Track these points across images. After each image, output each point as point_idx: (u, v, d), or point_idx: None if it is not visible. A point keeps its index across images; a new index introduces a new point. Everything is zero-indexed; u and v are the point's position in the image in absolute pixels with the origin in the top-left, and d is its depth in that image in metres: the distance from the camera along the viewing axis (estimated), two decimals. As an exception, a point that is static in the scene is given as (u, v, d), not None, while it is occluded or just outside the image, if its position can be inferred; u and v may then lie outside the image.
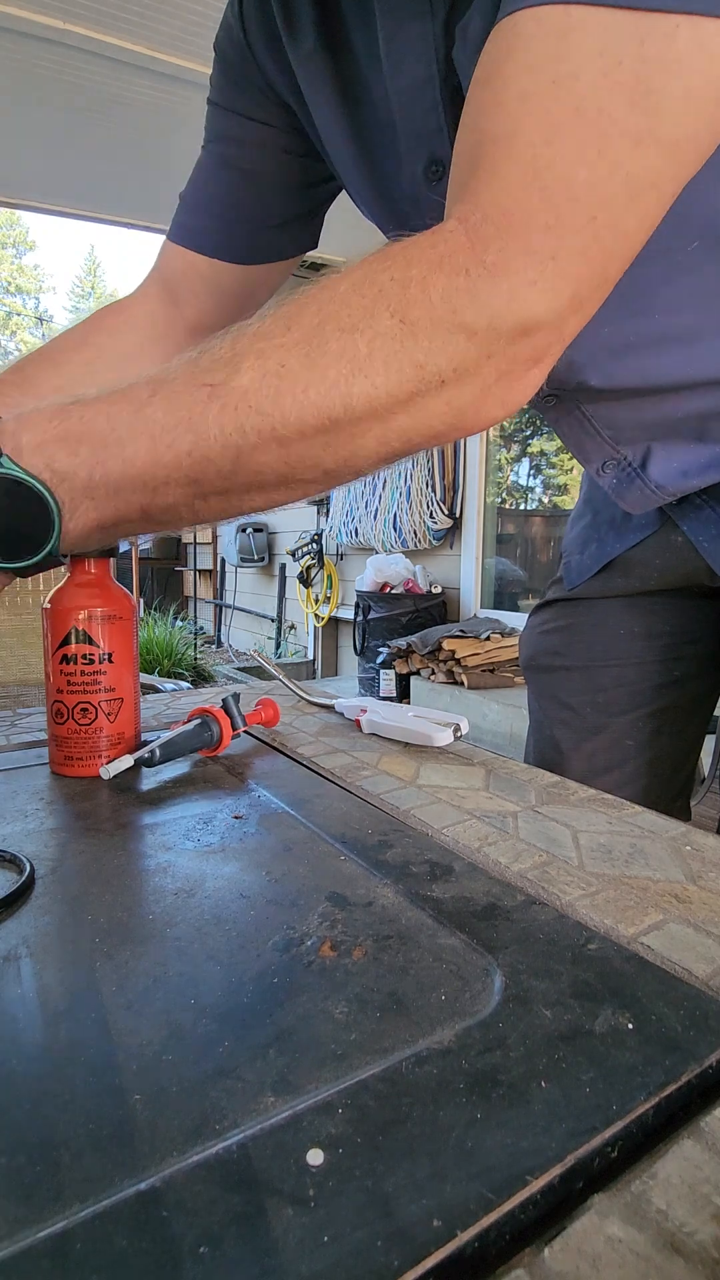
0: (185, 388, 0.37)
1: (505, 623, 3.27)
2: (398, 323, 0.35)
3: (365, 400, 0.36)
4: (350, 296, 0.37)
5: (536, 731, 0.80)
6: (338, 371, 0.36)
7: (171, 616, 5.25)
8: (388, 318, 0.35)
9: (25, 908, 0.35)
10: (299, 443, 0.37)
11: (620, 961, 0.31)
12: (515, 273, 0.35)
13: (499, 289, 0.35)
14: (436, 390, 0.37)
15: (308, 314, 0.37)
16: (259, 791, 0.51)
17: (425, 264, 0.36)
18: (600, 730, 0.74)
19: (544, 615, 0.79)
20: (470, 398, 0.38)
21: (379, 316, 0.36)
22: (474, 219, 0.35)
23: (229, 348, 0.38)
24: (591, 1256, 0.18)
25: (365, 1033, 0.26)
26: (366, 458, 0.39)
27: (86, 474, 0.38)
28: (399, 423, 0.38)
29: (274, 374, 0.36)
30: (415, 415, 0.38)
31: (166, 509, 0.40)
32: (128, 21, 2.36)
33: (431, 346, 0.36)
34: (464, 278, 0.35)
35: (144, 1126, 0.22)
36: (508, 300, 0.35)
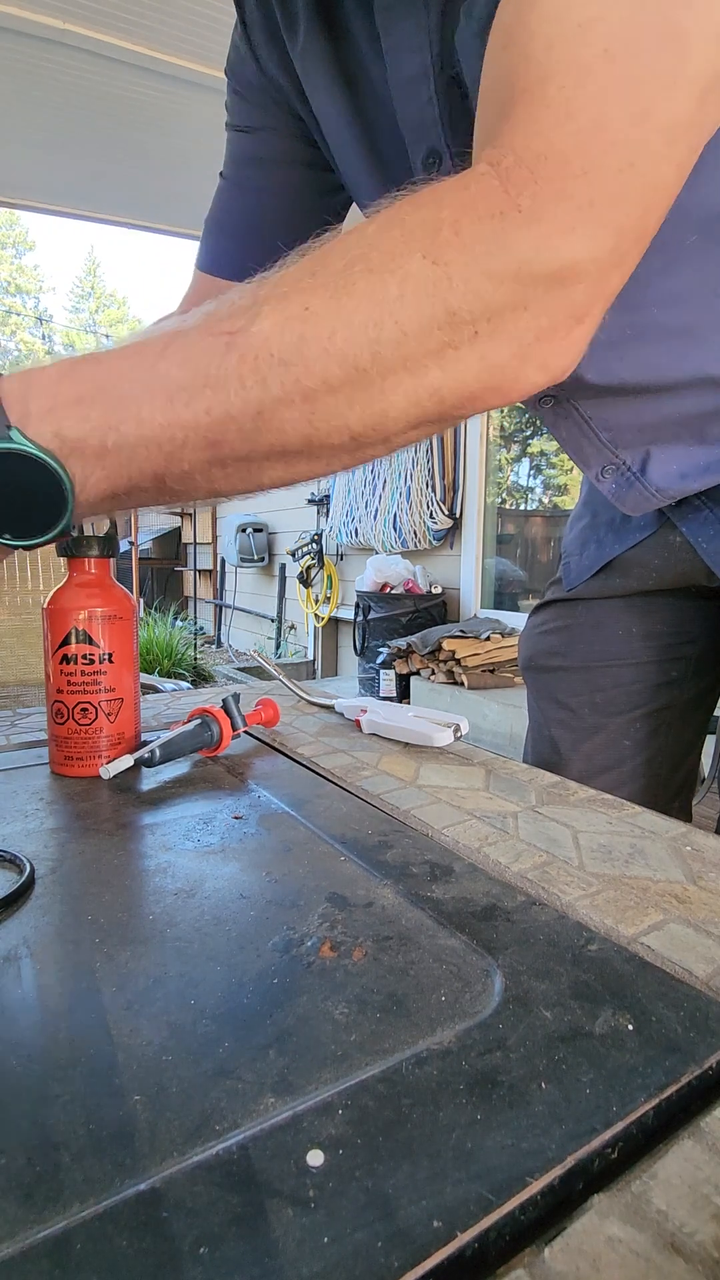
0: (201, 338, 0.35)
1: (505, 623, 3.27)
2: (429, 264, 0.33)
3: (395, 348, 0.34)
4: (378, 238, 0.34)
5: (535, 732, 0.80)
6: (366, 314, 0.33)
7: (171, 616, 5.25)
8: (419, 259, 0.33)
9: (25, 908, 0.35)
10: (325, 396, 0.34)
11: (620, 962, 0.31)
12: (551, 218, 0.33)
13: (534, 233, 0.33)
14: (470, 342, 0.34)
15: (333, 256, 0.35)
16: (259, 792, 0.51)
17: (456, 205, 0.34)
18: (598, 730, 0.74)
19: (543, 616, 0.80)
20: (507, 355, 0.35)
21: (410, 258, 0.33)
22: (506, 162, 0.33)
23: (249, 295, 0.35)
24: (591, 1256, 0.18)
25: (365, 1033, 0.26)
26: (396, 419, 0.36)
27: (99, 440, 0.35)
28: (431, 378, 0.35)
29: (297, 318, 0.33)
30: (448, 370, 0.35)
31: (182, 476, 0.37)
32: (128, 21, 2.36)
33: (465, 291, 0.33)
34: (497, 220, 0.33)
35: (144, 1127, 0.22)
36: (543, 246, 0.33)
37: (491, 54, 0.37)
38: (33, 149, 3.19)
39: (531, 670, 0.80)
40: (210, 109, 2.86)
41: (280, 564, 5.38)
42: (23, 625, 2.04)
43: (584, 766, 0.74)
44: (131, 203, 3.74)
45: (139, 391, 0.35)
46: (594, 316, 0.37)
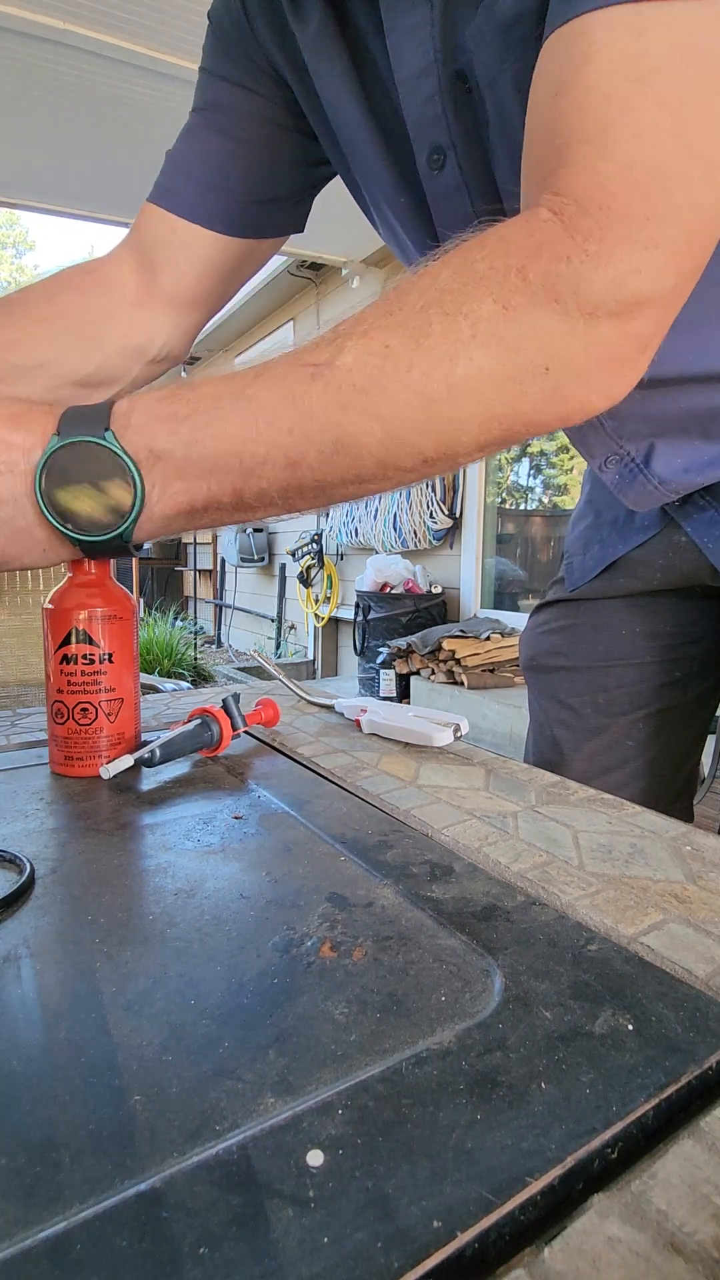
0: (288, 368, 0.38)
1: (505, 623, 3.27)
2: (500, 308, 0.35)
3: (468, 382, 0.36)
4: (451, 283, 0.37)
5: (537, 732, 0.80)
6: (441, 351, 0.36)
7: (171, 616, 5.25)
8: (490, 303, 0.36)
9: (25, 908, 0.35)
10: (400, 425, 0.37)
11: (620, 962, 0.31)
12: (619, 261, 0.35)
13: (603, 276, 0.35)
14: (539, 377, 0.37)
15: (409, 300, 0.37)
16: (259, 792, 0.51)
17: (523, 252, 0.36)
18: (601, 731, 0.74)
19: (545, 615, 0.79)
20: (573, 387, 0.38)
21: (482, 301, 0.36)
22: (569, 211, 0.35)
23: (331, 334, 0.38)
24: (591, 1256, 0.18)
25: (365, 1034, 0.26)
26: (466, 446, 0.39)
27: (184, 452, 0.38)
28: (500, 409, 0.37)
29: (378, 354, 0.36)
30: (517, 402, 0.37)
31: (260, 494, 0.39)
32: (128, 21, 2.36)
33: (534, 333, 0.36)
34: (565, 265, 0.35)
35: (144, 1127, 0.22)
36: (613, 288, 0.35)
37: (540, 99, 0.38)
38: (33, 149, 3.19)
39: (534, 670, 0.80)
40: (210, 109, 2.86)
41: (280, 564, 5.38)
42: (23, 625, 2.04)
43: (586, 767, 0.74)
44: (131, 203, 3.73)
45: (228, 410, 0.38)
46: (654, 346, 0.39)
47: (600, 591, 0.73)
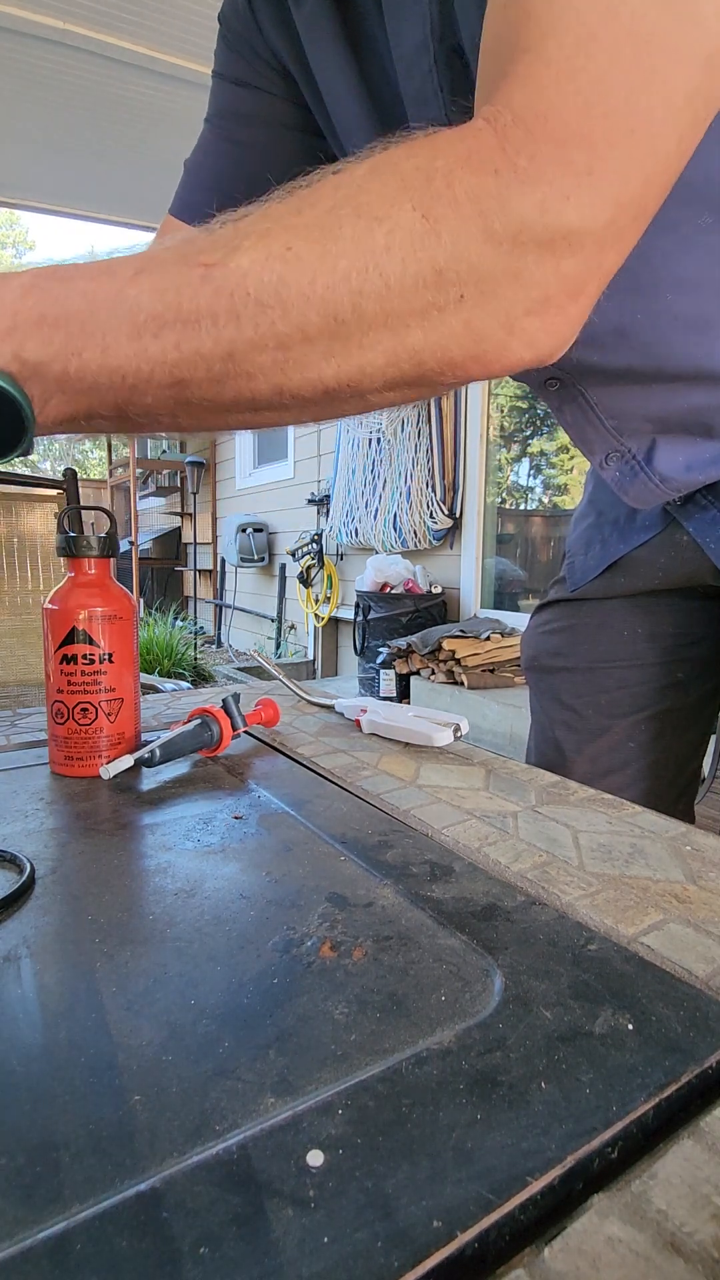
0: (176, 266, 0.33)
1: (505, 623, 3.27)
2: (420, 217, 0.31)
3: (377, 302, 0.32)
4: (369, 181, 0.33)
5: (539, 733, 0.80)
6: (350, 263, 0.32)
7: (171, 616, 5.25)
8: (409, 210, 0.32)
9: (25, 908, 0.35)
10: (301, 345, 0.33)
11: (620, 962, 0.31)
12: (548, 181, 0.31)
13: (530, 196, 0.31)
14: (456, 305, 0.33)
15: (321, 196, 0.33)
16: (259, 792, 0.51)
17: (451, 156, 0.32)
18: (603, 732, 0.74)
19: (546, 615, 0.79)
20: (493, 325, 0.34)
21: (400, 207, 0.32)
22: (503, 119, 0.32)
23: (229, 228, 0.34)
24: (591, 1256, 0.18)
25: (365, 1033, 0.26)
26: (373, 377, 0.35)
27: (60, 366, 0.33)
28: (412, 338, 0.33)
29: (278, 257, 0.32)
30: (430, 331, 0.33)
31: (145, 410, 0.35)
32: (128, 21, 2.36)
33: (454, 250, 0.32)
34: (493, 178, 0.31)
35: (144, 1127, 0.22)
36: (539, 210, 0.31)
37: (492, 11, 0.35)
38: (33, 149, 3.19)
39: (535, 670, 0.80)
40: (210, 109, 2.86)
41: (280, 564, 5.38)
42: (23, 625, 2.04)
43: (588, 769, 0.74)
44: (131, 203, 3.74)
45: (105, 317, 0.33)
46: (588, 295, 0.35)
47: (601, 591, 0.73)
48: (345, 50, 0.53)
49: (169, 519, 7.59)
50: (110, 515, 0.59)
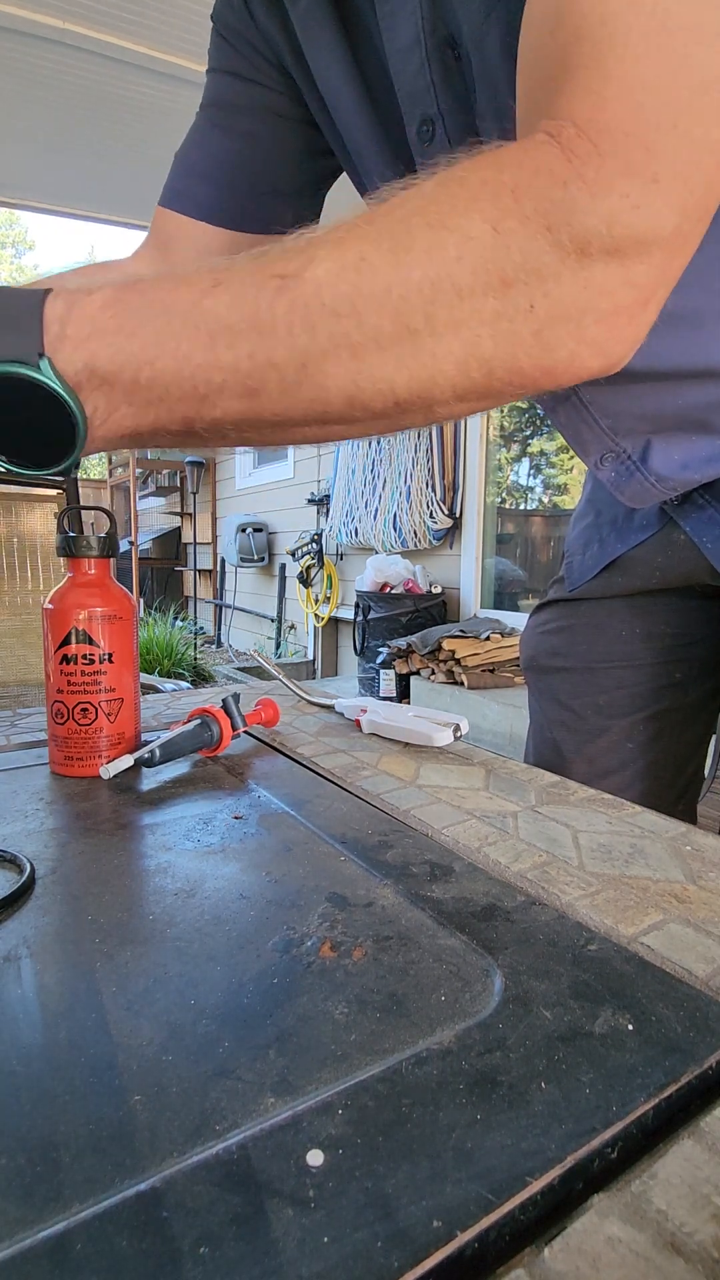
0: (252, 278, 0.33)
1: (505, 623, 3.28)
2: (490, 229, 0.32)
3: (449, 311, 0.32)
4: (439, 194, 0.33)
5: (537, 733, 0.80)
6: (423, 273, 0.32)
7: (171, 616, 5.25)
8: (479, 221, 0.32)
9: (25, 908, 0.35)
10: (373, 354, 0.33)
11: (620, 962, 0.31)
12: (617, 192, 0.31)
13: (599, 207, 0.32)
14: (526, 316, 0.33)
15: (392, 208, 0.33)
16: (259, 792, 0.51)
17: (518, 170, 0.32)
18: (601, 733, 0.74)
19: (544, 615, 0.79)
20: (563, 334, 0.34)
21: (471, 219, 0.32)
22: (567, 134, 0.32)
23: (304, 240, 0.34)
24: (591, 1256, 0.18)
25: (365, 1033, 0.26)
26: (443, 388, 0.35)
27: (132, 375, 0.33)
28: (483, 347, 0.33)
29: (352, 267, 0.32)
30: (501, 341, 0.33)
31: (213, 425, 0.35)
32: (128, 21, 2.36)
33: (523, 262, 0.32)
34: (561, 190, 0.32)
35: (144, 1127, 0.22)
36: (608, 220, 0.32)
37: (535, 31, 0.35)
38: (33, 149, 3.19)
39: (533, 670, 0.80)
40: (210, 109, 2.86)
41: (280, 564, 5.38)
42: (23, 625, 2.04)
43: (587, 769, 0.74)
44: (131, 203, 3.74)
45: (180, 327, 0.33)
46: (656, 301, 0.36)
47: (600, 591, 0.73)
48: (341, 44, 0.53)
49: (169, 519, 7.59)
50: (110, 515, 0.59)
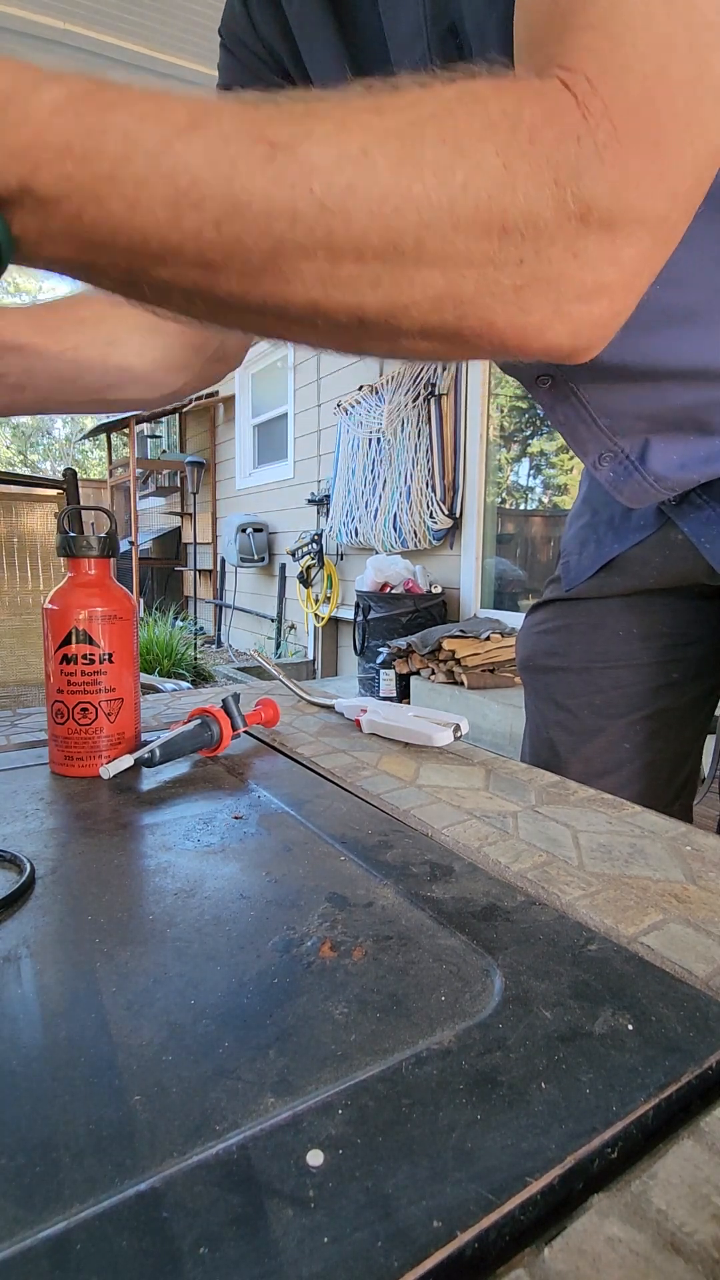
0: (236, 131, 0.28)
1: (505, 623, 3.27)
2: (501, 165, 0.29)
3: (441, 240, 0.30)
4: (456, 107, 0.30)
5: (534, 733, 0.80)
6: (424, 190, 0.29)
7: (171, 616, 5.25)
8: (493, 154, 0.29)
9: (25, 908, 0.35)
10: (351, 264, 0.30)
11: (620, 962, 0.31)
12: (623, 163, 0.30)
13: (608, 175, 0.30)
14: (514, 268, 0.31)
15: (406, 103, 0.30)
16: (259, 791, 0.51)
17: (539, 109, 0.30)
18: (598, 733, 0.74)
19: (541, 615, 0.79)
20: (543, 300, 0.32)
21: (484, 148, 0.29)
22: (581, 86, 0.30)
23: (302, 105, 0.30)
24: (591, 1256, 0.18)
25: (365, 1033, 0.26)
26: (412, 318, 0.32)
27: (74, 210, 0.28)
28: (464, 287, 0.31)
29: (352, 160, 0.28)
30: (482, 286, 0.31)
31: (159, 284, 0.31)
32: (128, 21, 2.37)
33: (525, 210, 0.30)
34: (574, 145, 0.30)
35: (144, 1127, 0.22)
36: (612, 192, 0.30)
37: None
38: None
39: (530, 670, 0.80)
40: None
41: (280, 564, 5.38)
42: (23, 625, 2.04)
43: (583, 770, 0.74)
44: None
45: (142, 168, 0.28)
46: (635, 291, 0.34)
47: (596, 590, 0.73)
48: (337, 42, 0.52)
49: (169, 519, 7.59)
50: (110, 515, 0.59)
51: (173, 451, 7.63)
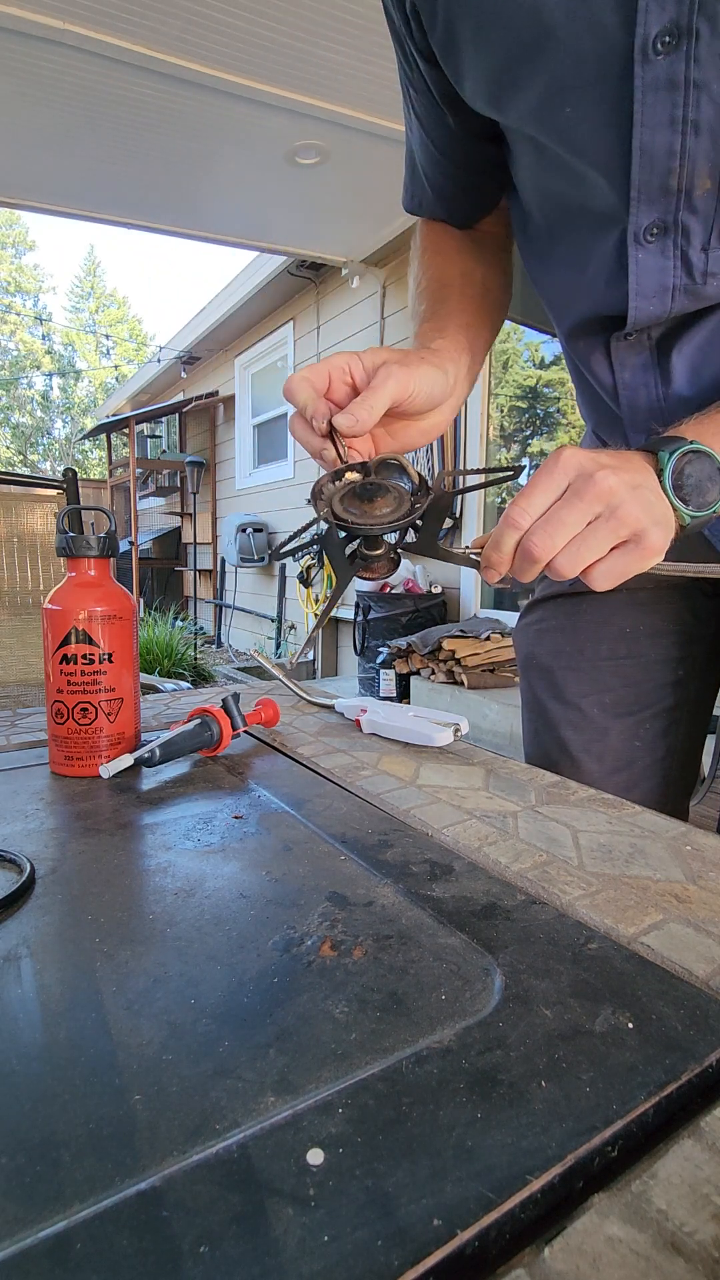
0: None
1: (505, 623, 3.27)
2: None
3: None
4: None
5: (545, 731, 0.79)
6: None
7: (171, 616, 5.25)
8: None
9: (25, 908, 0.35)
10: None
11: (620, 961, 0.31)
12: None
13: None
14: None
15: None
16: (259, 791, 0.51)
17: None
18: (608, 731, 0.74)
19: (540, 613, 0.79)
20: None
21: None
22: None
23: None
24: (591, 1256, 0.18)
25: (365, 1032, 0.26)
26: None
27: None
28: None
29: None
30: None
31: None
32: (128, 21, 2.36)
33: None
34: None
35: (144, 1126, 0.22)
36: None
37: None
38: (33, 149, 3.19)
39: (534, 669, 0.80)
40: (211, 109, 2.86)
41: (280, 564, 5.39)
42: (23, 625, 2.04)
43: (595, 767, 0.74)
44: (131, 203, 3.74)
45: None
46: None
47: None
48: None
49: (169, 519, 7.59)
50: (110, 515, 0.59)
51: (172, 451, 7.63)
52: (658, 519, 0.44)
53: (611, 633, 0.73)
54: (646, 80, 0.44)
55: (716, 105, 0.44)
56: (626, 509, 0.43)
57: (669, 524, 0.45)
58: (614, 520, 0.43)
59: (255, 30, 2.40)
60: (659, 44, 0.43)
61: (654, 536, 0.44)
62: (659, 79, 0.44)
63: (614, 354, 0.59)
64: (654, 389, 0.59)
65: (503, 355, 3.89)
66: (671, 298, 0.52)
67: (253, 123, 2.96)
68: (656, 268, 0.51)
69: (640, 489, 0.44)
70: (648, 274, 0.52)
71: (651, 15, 0.42)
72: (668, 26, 0.43)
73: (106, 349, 24.55)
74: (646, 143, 0.47)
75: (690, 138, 0.46)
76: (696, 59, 0.43)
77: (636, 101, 0.45)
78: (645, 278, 0.52)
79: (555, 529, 0.43)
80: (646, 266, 0.52)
